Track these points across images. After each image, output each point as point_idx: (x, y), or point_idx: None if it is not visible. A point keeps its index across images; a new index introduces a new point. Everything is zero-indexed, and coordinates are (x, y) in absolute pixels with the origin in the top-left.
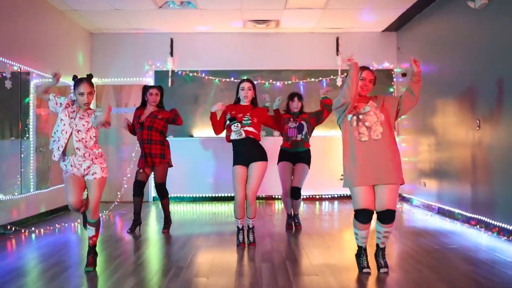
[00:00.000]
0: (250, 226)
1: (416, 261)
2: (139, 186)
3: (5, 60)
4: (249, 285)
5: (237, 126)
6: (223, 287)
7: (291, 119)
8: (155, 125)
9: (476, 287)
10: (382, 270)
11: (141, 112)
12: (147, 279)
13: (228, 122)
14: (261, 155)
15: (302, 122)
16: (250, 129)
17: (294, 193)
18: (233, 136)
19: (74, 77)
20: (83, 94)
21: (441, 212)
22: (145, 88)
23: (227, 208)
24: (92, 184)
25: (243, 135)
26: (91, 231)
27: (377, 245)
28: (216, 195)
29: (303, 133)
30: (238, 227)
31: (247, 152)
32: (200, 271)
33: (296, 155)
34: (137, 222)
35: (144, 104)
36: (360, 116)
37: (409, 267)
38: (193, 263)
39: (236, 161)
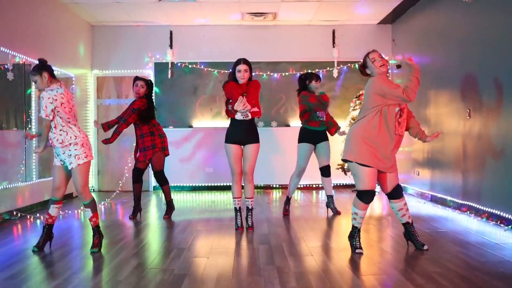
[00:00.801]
0: (249, 207)
1: (408, 243)
2: (137, 173)
3: (8, 51)
4: (247, 264)
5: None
6: (222, 266)
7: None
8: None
9: (464, 266)
10: (424, 247)
11: None
12: (150, 260)
13: (231, 100)
14: (256, 137)
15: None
16: (254, 109)
17: (324, 171)
18: (239, 117)
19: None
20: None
21: (434, 200)
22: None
23: (226, 197)
24: (72, 173)
25: (249, 116)
26: (88, 212)
27: (406, 224)
28: (215, 185)
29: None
30: (235, 208)
31: (244, 132)
32: (200, 252)
33: (321, 134)
34: (138, 208)
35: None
36: (400, 111)
37: (401, 248)
38: (193, 245)
39: (232, 139)
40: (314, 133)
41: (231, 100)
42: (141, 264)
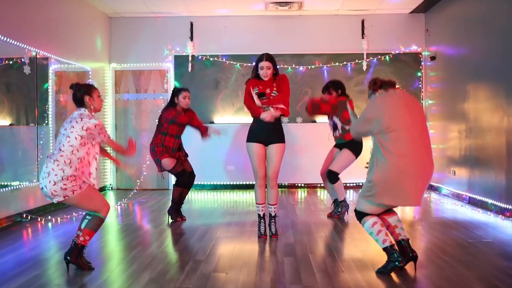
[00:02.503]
0: (272, 214)
1: (448, 255)
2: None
3: (24, 45)
4: (270, 281)
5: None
6: (243, 284)
7: (328, 116)
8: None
9: None
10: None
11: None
12: (163, 273)
13: (256, 97)
14: (282, 137)
15: (334, 119)
16: (280, 105)
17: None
18: (263, 115)
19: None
20: None
21: (472, 202)
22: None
23: (249, 196)
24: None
25: (276, 116)
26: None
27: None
28: (237, 183)
29: (339, 128)
30: (259, 214)
31: (270, 132)
32: (218, 265)
33: (341, 146)
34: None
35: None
36: None
37: (441, 262)
38: (212, 255)
39: (254, 138)
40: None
41: (256, 92)
42: (153, 279)
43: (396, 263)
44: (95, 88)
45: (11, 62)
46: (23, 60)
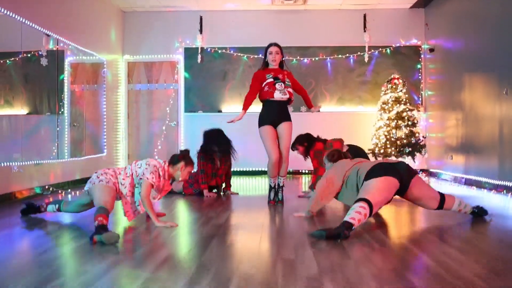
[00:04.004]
0: (281, 184)
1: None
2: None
3: (43, 29)
4: (276, 231)
5: (281, 86)
6: (250, 230)
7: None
8: None
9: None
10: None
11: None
12: (182, 224)
13: (271, 79)
14: (288, 117)
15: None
16: (291, 90)
17: None
18: (277, 94)
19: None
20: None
21: (468, 183)
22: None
23: (255, 182)
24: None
25: (287, 95)
26: None
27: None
28: (244, 170)
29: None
30: (270, 185)
31: (278, 113)
32: (229, 219)
33: None
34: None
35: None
36: None
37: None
38: (223, 212)
39: (266, 121)
40: None
41: (268, 79)
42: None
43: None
44: (192, 163)
45: (29, 55)
46: (40, 52)
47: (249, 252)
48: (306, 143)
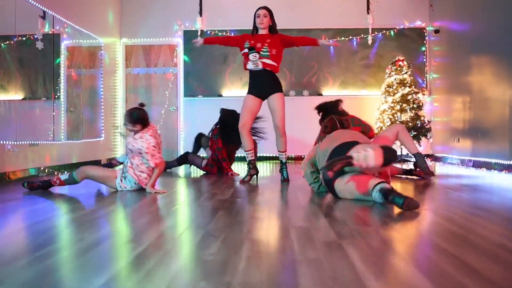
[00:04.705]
0: (283, 161)
1: (457, 191)
2: None
3: (38, 5)
4: (285, 204)
5: (254, 56)
6: (257, 207)
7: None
8: None
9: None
10: None
11: None
12: (187, 197)
13: (246, 50)
14: (278, 87)
15: None
16: (268, 61)
17: None
18: (250, 66)
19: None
20: None
21: (477, 165)
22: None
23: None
24: None
25: (260, 66)
26: None
27: None
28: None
29: None
30: (248, 160)
31: (261, 84)
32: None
33: None
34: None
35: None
36: None
37: (450, 194)
38: (225, 190)
39: (250, 90)
40: None
41: (244, 50)
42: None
43: None
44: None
45: (24, 38)
46: (35, 36)
47: (259, 221)
48: (323, 112)
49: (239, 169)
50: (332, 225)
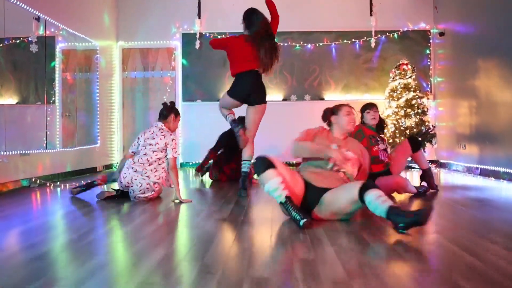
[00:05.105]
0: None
1: (466, 206)
2: None
3: (32, 10)
4: (287, 226)
5: None
6: (257, 230)
7: (378, 139)
8: None
9: None
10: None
11: None
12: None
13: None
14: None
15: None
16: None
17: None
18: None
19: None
20: None
21: (484, 174)
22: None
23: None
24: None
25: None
26: None
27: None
28: None
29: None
30: (229, 118)
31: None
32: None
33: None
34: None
35: None
36: None
37: (462, 212)
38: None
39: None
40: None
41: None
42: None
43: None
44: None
45: (18, 41)
46: (30, 39)
47: (259, 252)
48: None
49: None
50: (339, 256)
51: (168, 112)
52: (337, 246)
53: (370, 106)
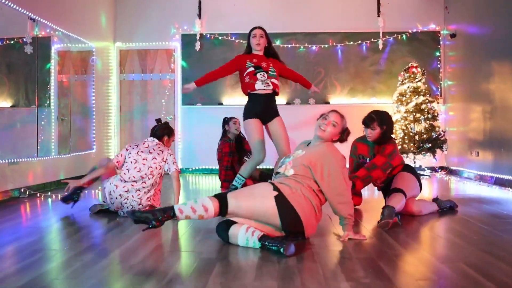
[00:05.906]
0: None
1: (486, 224)
2: None
3: (26, 12)
4: (297, 256)
5: (263, 76)
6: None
7: (368, 157)
8: None
9: None
10: None
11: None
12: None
13: (252, 69)
14: (277, 110)
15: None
16: (276, 81)
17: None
18: (259, 86)
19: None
20: None
21: (499, 183)
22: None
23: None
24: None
25: (270, 86)
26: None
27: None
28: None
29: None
30: (236, 186)
31: (266, 108)
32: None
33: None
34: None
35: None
36: None
37: (485, 232)
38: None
39: (252, 114)
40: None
41: (249, 68)
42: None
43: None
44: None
45: (12, 42)
46: (24, 40)
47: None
48: (386, 127)
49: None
50: None
51: (161, 133)
52: (352, 280)
53: (368, 123)
